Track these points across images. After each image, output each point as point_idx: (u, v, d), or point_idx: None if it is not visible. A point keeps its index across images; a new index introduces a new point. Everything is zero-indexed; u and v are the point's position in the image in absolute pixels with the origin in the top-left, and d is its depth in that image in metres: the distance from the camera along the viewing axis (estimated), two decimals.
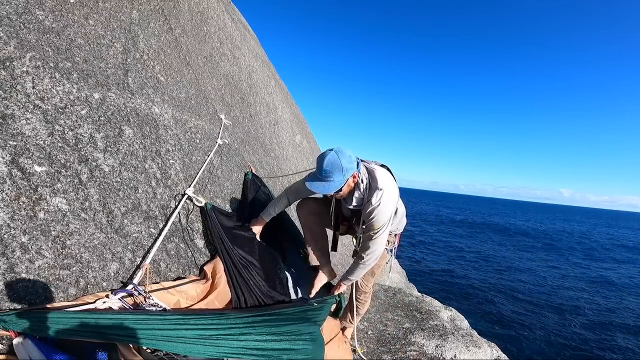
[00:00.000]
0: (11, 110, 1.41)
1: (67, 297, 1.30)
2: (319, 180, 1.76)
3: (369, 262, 1.98)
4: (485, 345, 3.13)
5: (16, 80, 1.49)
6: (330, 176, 1.71)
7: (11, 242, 1.21)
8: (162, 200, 1.98)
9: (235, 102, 3.83)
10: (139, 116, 2.10)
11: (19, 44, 1.57)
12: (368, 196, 1.83)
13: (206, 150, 2.69)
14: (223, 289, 1.96)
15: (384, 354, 2.80)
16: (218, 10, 4.45)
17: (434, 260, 18.85)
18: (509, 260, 20.49)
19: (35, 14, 1.72)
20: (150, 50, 2.54)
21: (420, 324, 3.39)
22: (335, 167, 1.71)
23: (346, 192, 1.85)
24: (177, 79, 2.74)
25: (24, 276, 1.20)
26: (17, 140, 1.38)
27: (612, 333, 10.97)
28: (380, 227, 1.84)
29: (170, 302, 1.60)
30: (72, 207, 1.46)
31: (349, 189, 1.84)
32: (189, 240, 2.08)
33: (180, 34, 3.14)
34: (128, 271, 1.59)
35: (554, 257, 22.89)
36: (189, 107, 2.74)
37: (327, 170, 1.71)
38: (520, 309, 12.49)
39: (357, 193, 1.85)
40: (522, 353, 9.21)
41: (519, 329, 10.70)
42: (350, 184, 1.82)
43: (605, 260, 24.30)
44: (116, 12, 2.35)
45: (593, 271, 19.90)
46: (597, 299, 14.57)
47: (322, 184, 1.74)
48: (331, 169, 1.71)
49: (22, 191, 1.31)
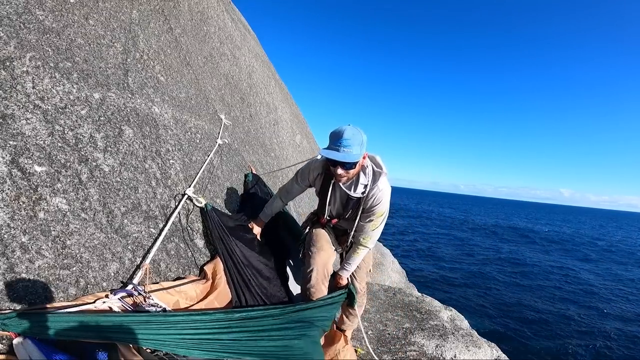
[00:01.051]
0: (11, 110, 1.41)
1: (67, 297, 1.30)
2: (336, 151, 1.67)
3: (369, 245, 1.97)
4: (485, 345, 3.13)
5: (16, 80, 1.49)
6: (351, 146, 1.64)
7: (11, 242, 1.21)
8: (162, 200, 1.98)
9: (235, 102, 3.83)
10: (139, 116, 2.10)
11: (19, 44, 1.57)
12: (373, 180, 1.81)
13: (206, 150, 2.69)
14: (223, 289, 1.96)
15: (384, 354, 2.80)
16: (218, 10, 4.45)
17: (434, 260, 18.86)
18: (509, 261, 20.50)
19: (35, 14, 1.73)
20: (150, 50, 2.54)
21: (420, 324, 3.39)
22: (356, 139, 1.66)
23: (355, 173, 1.80)
24: (177, 79, 2.74)
25: (24, 276, 1.20)
26: (17, 140, 1.38)
27: (616, 335, 10.98)
28: (384, 211, 1.86)
29: (169, 302, 1.61)
30: (72, 207, 1.46)
31: (358, 169, 1.79)
32: (189, 240, 2.08)
33: (180, 34, 3.14)
34: (128, 271, 1.59)
35: (560, 259, 22.87)
36: (189, 107, 2.74)
37: (348, 139, 1.64)
38: (521, 309, 12.49)
39: (363, 178, 1.82)
40: (522, 353, 9.21)
41: (519, 329, 10.70)
42: (362, 164, 1.79)
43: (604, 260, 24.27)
44: (116, 12, 2.35)
45: (601, 274, 19.88)
46: (602, 300, 14.58)
47: (340, 153, 1.65)
48: (352, 139, 1.65)
49: (22, 191, 1.31)
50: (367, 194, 1.83)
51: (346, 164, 1.69)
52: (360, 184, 1.83)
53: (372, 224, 1.91)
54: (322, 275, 2.05)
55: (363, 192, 1.83)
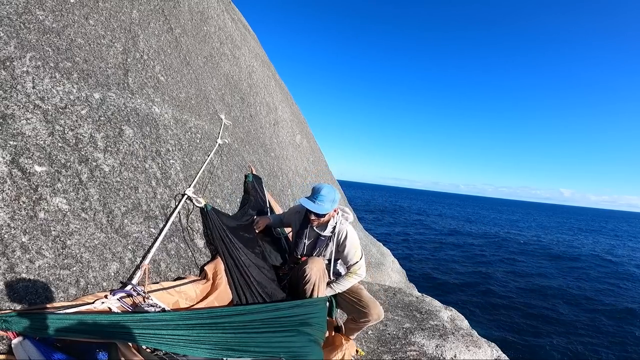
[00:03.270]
0: (11, 110, 1.41)
1: (67, 297, 1.30)
2: (312, 202, 2.22)
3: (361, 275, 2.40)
4: (485, 345, 3.12)
5: (16, 80, 1.49)
6: (323, 202, 2.21)
7: (11, 242, 1.21)
8: (162, 200, 1.99)
9: (235, 102, 3.83)
10: (139, 116, 2.10)
11: (19, 44, 1.57)
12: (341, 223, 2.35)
13: (206, 150, 2.69)
14: (224, 289, 1.96)
15: (384, 353, 2.80)
16: (218, 10, 4.45)
17: (435, 260, 18.85)
18: (511, 262, 20.49)
19: (35, 14, 1.73)
20: (151, 50, 2.54)
21: (421, 324, 3.39)
22: (329, 196, 2.23)
23: (325, 221, 2.32)
24: (177, 79, 2.74)
25: (24, 276, 1.20)
26: (17, 140, 1.38)
27: (619, 336, 10.97)
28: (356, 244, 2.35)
29: (169, 302, 1.61)
30: (72, 207, 1.46)
31: (328, 218, 2.32)
32: (189, 240, 2.08)
33: (181, 34, 3.14)
34: (128, 271, 1.59)
35: (561, 259, 22.84)
36: (189, 107, 2.74)
37: (323, 196, 2.22)
38: (521, 308, 12.49)
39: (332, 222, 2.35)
40: (522, 353, 9.21)
41: (519, 329, 10.70)
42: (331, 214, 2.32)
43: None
44: (116, 12, 2.35)
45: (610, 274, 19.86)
46: (608, 297, 14.57)
47: (314, 205, 2.20)
48: (325, 197, 2.22)
49: (22, 191, 1.31)
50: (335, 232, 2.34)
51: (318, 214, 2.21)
52: (330, 226, 2.35)
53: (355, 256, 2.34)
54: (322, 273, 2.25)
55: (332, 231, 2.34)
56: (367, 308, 2.30)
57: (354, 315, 2.41)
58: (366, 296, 2.39)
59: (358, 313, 2.35)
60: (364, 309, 2.31)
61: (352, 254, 2.32)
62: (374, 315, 2.29)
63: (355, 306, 2.37)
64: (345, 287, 2.38)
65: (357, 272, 2.36)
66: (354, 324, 2.43)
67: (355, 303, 2.37)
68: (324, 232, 2.33)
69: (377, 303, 2.36)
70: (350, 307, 2.42)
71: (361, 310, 2.32)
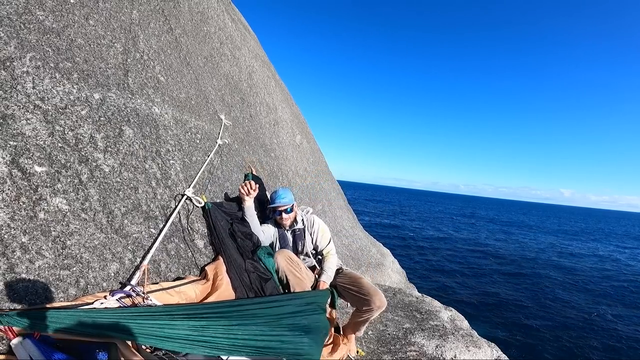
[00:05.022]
0: (11, 111, 1.41)
1: (67, 297, 1.30)
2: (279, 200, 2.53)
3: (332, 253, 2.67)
4: (486, 345, 3.12)
5: (16, 81, 1.49)
6: (286, 197, 2.54)
7: (11, 242, 1.21)
8: (162, 200, 1.99)
9: (235, 103, 3.83)
10: (139, 116, 2.10)
11: (19, 44, 1.57)
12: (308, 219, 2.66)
13: (206, 151, 2.69)
14: (225, 290, 1.95)
15: (384, 354, 2.80)
16: (218, 10, 4.45)
17: (434, 261, 18.85)
18: (511, 262, 20.49)
19: (35, 14, 1.73)
20: (151, 50, 2.55)
21: (421, 324, 3.39)
22: (287, 194, 2.57)
23: (294, 216, 2.60)
24: (177, 79, 2.74)
25: (24, 276, 1.20)
26: (17, 140, 1.38)
27: (619, 336, 10.97)
28: (324, 227, 2.67)
29: (168, 302, 1.60)
30: (72, 208, 1.46)
31: (294, 214, 2.60)
32: (189, 241, 2.08)
33: (181, 34, 3.14)
34: (128, 271, 1.59)
35: (560, 260, 22.84)
36: (189, 108, 2.74)
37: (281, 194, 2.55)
38: (522, 309, 12.49)
39: (299, 216, 2.65)
40: (522, 353, 9.21)
41: (519, 329, 10.70)
42: (296, 211, 2.62)
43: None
44: (116, 12, 2.35)
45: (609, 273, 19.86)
46: (607, 298, 14.57)
47: (281, 200, 2.51)
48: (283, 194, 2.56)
49: (22, 191, 1.31)
50: (305, 222, 2.65)
51: (287, 207, 2.51)
52: (298, 219, 2.64)
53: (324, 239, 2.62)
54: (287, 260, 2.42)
55: (302, 225, 2.63)
56: (369, 295, 2.33)
57: (357, 306, 2.43)
58: (367, 284, 2.42)
59: (360, 302, 2.38)
60: (365, 297, 2.34)
61: (322, 236, 2.62)
62: (376, 302, 2.30)
63: (356, 295, 2.40)
64: (332, 269, 2.58)
65: (331, 252, 2.64)
66: (359, 314, 2.42)
67: (356, 292, 2.41)
68: (297, 225, 2.62)
69: (378, 291, 2.38)
70: (352, 296, 2.46)
71: (363, 299, 2.35)
